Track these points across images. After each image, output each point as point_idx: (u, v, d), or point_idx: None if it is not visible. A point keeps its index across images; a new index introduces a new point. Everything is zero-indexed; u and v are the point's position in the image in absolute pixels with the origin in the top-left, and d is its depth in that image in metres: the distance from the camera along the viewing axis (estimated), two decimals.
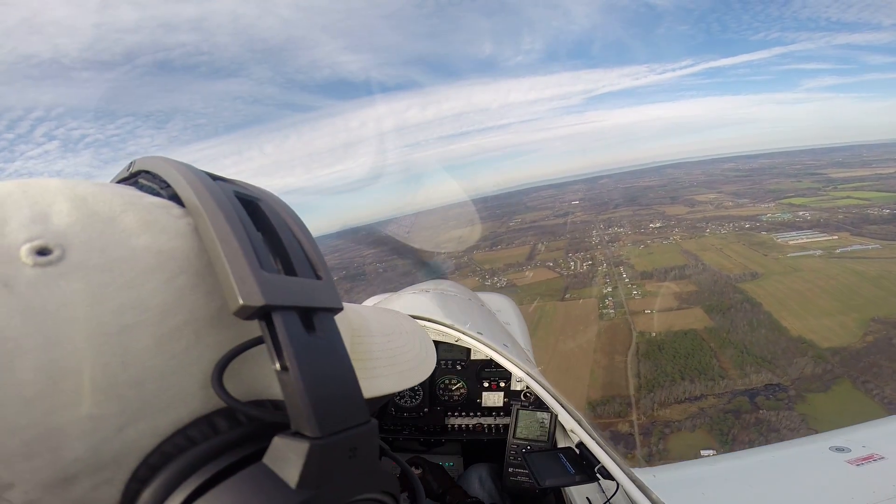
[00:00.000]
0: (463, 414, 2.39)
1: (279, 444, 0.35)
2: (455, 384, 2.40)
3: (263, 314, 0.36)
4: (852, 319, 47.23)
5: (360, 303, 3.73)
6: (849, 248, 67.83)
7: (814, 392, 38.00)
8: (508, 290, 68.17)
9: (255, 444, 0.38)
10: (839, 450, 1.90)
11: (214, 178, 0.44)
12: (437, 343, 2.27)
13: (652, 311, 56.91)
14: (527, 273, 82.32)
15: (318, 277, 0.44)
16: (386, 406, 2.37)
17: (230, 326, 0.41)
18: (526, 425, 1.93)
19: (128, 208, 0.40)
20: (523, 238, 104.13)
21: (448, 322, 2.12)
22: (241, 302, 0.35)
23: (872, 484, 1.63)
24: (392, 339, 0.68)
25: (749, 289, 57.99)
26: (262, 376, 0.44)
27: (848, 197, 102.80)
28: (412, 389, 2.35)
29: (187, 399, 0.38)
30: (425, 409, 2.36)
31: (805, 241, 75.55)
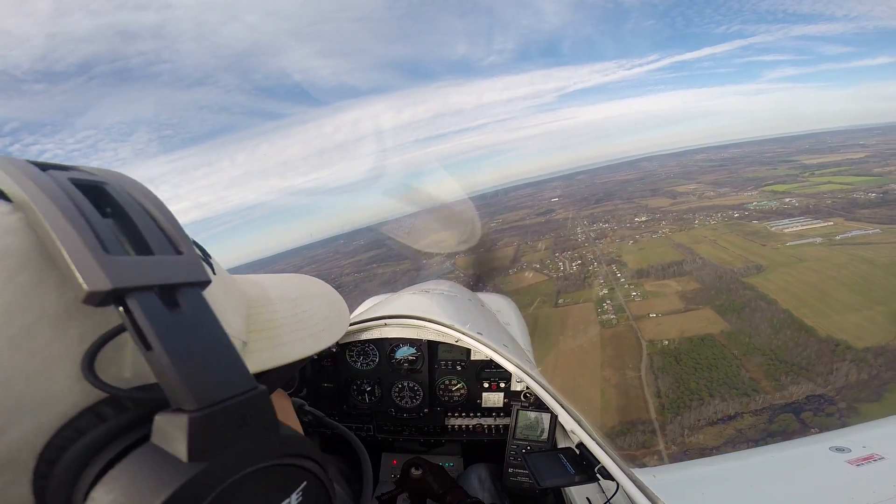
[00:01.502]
0: (463, 414, 2.36)
1: (161, 421, 0.36)
2: (455, 385, 2.33)
3: (115, 298, 0.35)
4: (880, 314, 42.76)
5: (359, 304, 4.15)
6: (849, 234, 64.50)
7: (866, 402, 32.90)
8: None
9: (145, 428, 0.38)
10: (839, 450, 1.89)
11: (45, 167, 0.42)
12: (437, 343, 2.30)
13: (658, 315, 51.36)
14: (513, 276, 76.03)
15: (179, 253, 0.42)
16: (386, 406, 2.34)
17: (93, 316, 0.39)
18: (526, 426, 1.91)
19: None
20: (506, 239, 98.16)
21: (448, 322, 2.14)
22: (86, 289, 0.33)
23: (872, 484, 1.63)
24: (297, 303, 0.68)
25: (758, 283, 53.23)
26: (142, 361, 0.42)
27: (829, 182, 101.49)
28: (412, 390, 2.31)
29: (66, 393, 0.38)
30: (425, 410, 2.32)
31: (800, 228, 72.20)
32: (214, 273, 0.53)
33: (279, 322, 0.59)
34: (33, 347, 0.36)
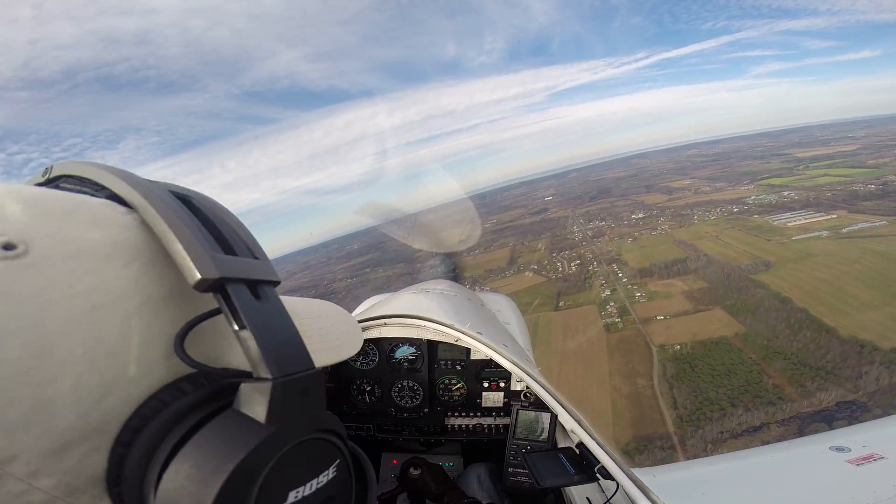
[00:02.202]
0: (463, 414, 2.36)
1: (246, 389, 0.44)
2: (455, 384, 2.33)
3: (218, 286, 0.44)
4: None
5: (360, 303, 4.41)
6: (855, 227, 62.59)
7: None
8: None
9: (219, 401, 0.46)
10: (839, 450, 1.90)
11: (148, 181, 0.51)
12: (436, 343, 2.30)
13: (666, 317, 48.66)
14: (511, 278, 73.07)
15: (256, 258, 0.52)
16: (386, 406, 2.35)
17: (183, 304, 0.49)
18: (526, 425, 1.91)
19: (77, 207, 0.46)
20: (502, 240, 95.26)
21: (448, 322, 2.12)
22: (198, 276, 0.43)
23: (872, 484, 1.64)
24: (319, 320, 0.75)
25: (768, 281, 50.82)
26: (214, 349, 0.52)
27: (825, 175, 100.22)
28: (412, 389, 2.32)
29: (154, 368, 0.45)
30: (425, 410, 2.32)
31: (803, 222, 70.26)
32: None
33: (306, 333, 0.64)
34: (139, 325, 0.44)
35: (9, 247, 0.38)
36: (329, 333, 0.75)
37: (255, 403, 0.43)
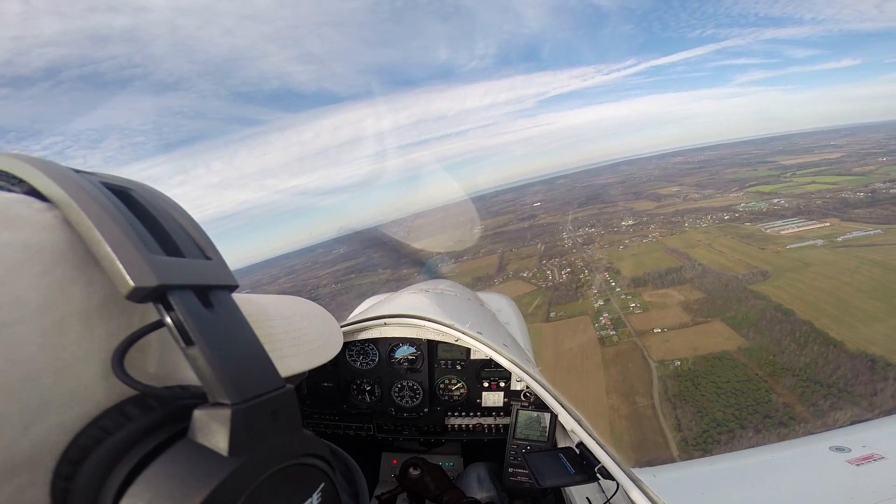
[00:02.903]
0: (463, 414, 2.35)
1: (201, 416, 0.36)
2: (455, 384, 2.33)
3: (158, 295, 0.37)
4: None
5: (360, 303, 4.34)
6: (850, 236, 61.34)
7: None
8: None
9: (172, 427, 0.39)
10: (839, 450, 1.91)
11: (76, 171, 0.43)
12: (436, 343, 2.29)
13: (664, 330, 46.25)
14: (499, 286, 70.26)
15: (208, 258, 0.45)
16: (386, 406, 2.34)
17: (121, 315, 0.40)
18: (526, 425, 1.91)
19: None
20: (490, 247, 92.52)
21: (448, 322, 2.13)
22: (132, 285, 0.35)
23: (872, 484, 1.65)
24: (292, 321, 0.69)
25: (767, 291, 48.85)
26: (164, 363, 0.45)
27: (813, 182, 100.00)
28: (412, 389, 2.30)
29: (91, 391, 0.38)
30: (425, 409, 2.31)
31: (797, 230, 68.97)
32: None
33: (277, 337, 0.60)
34: (63, 343, 0.37)
35: None
36: (303, 336, 0.68)
37: (213, 433, 0.36)
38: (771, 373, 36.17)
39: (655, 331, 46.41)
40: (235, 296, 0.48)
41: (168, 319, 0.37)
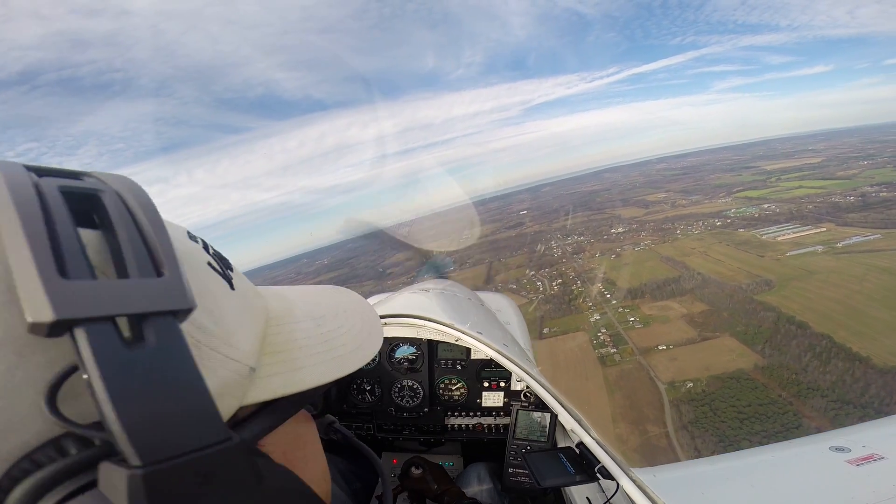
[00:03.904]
0: (463, 414, 2.34)
1: (105, 470, 0.32)
2: (455, 384, 2.32)
3: (61, 330, 0.29)
4: None
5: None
6: (850, 241, 59.17)
7: None
8: None
9: (87, 477, 0.34)
10: (839, 450, 1.90)
11: (43, 172, 0.37)
12: (437, 343, 2.30)
13: (669, 347, 42.60)
14: None
15: (160, 275, 0.36)
16: (386, 406, 2.34)
17: (62, 343, 0.31)
18: (526, 425, 1.91)
19: None
20: (477, 256, 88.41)
21: (448, 322, 2.12)
22: (28, 319, 0.28)
23: (872, 484, 1.65)
24: (324, 322, 0.62)
25: (775, 302, 45.75)
26: None
27: (800, 187, 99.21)
28: (412, 389, 2.30)
29: (27, 422, 0.34)
30: (425, 409, 2.31)
31: (793, 236, 66.77)
32: (233, 288, 0.50)
33: (300, 343, 0.56)
34: None
35: None
36: (333, 339, 0.60)
37: (116, 492, 0.30)
38: (796, 393, 32.68)
39: (660, 348, 42.75)
40: (267, 289, 0.41)
41: (78, 358, 0.30)
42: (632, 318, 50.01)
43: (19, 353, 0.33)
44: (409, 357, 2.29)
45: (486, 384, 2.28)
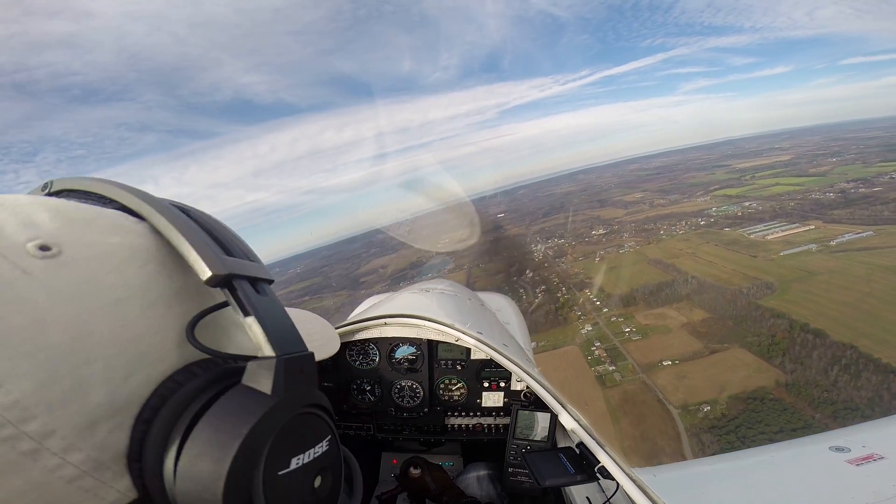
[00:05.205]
0: (463, 414, 2.35)
1: (252, 366, 0.51)
2: (455, 384, 2.33)
3: (227, 282, 0.52)
4: None
5: (360, 302, 4.60)
6: (843, 239, 56.63)
7: None
8: None
9: (227, 382, 0.52)
10: (839, 450, 1.91)
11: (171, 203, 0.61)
12: (437, 343, 2.31)
13: (675, 362, 37.91)
14: None
15: (252, 261, 0.60)
16: (386, 406, 2.38)
17: (189, 301, 0.56)
18: (526, 425, 1.92)
19: (97, 216, 0.53)
20: (455, 262, 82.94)
21: (448, 322, 2.14)
22: (209, 273, 0.50)
23: (872, 484, 1.66)
24: (304, 324, 0.81)
25: (782, 307, 41.89)
26: (215, 342, 0.59)
27: (777, 184, 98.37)
28: (412, 389, 2.33)
29: (169, 354, 0.52)
30: (425, 410, 2.33)
31: (782, 234, 64.13)
32: None
33: None
34: (155, 315, 0.51)
35: (45, 248, 0.45)
36: (310, 335, 0.78)
37: (261, 378, 0.49)
38: (831, 414, 28.35)
39: (664, 363, 37.99)
40: None
41: (232, 299, 0.53)
42: (627, 329, 45.22)
43: (168, 305, 0.54)
44: (409, 357, 2.29)
45: (486, 384, 2.27)
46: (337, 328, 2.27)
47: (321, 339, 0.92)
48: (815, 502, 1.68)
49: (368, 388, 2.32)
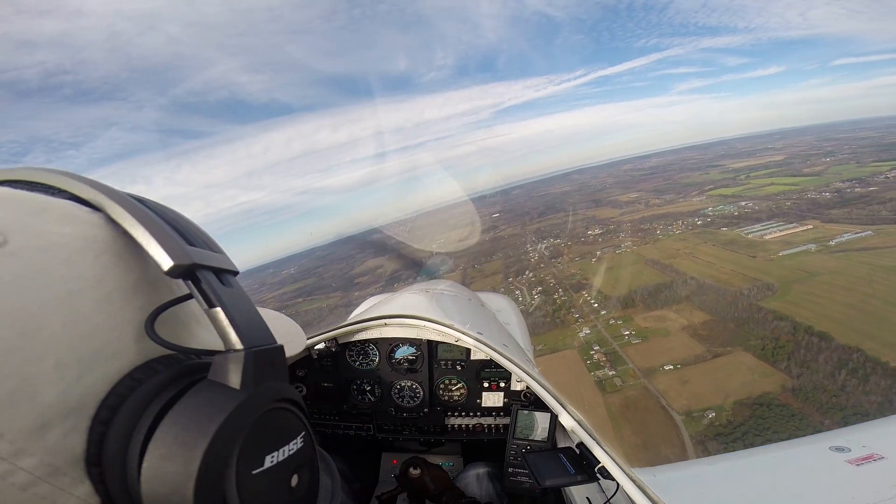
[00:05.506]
0: (463, 414, 2.34)
1: (220, 359, 0.48)
2: (455, 384, 2.33)
3: (190, 272, 0.50)
4: None
5: (355, 304, 4.53)
6: (842, 238, 55.99)
7: None
8: None
9: (190, 378, 0.50)
10: (839, 450, 1.91)
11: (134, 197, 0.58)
12: (437, 343, 2.30)
13: (676, 366, 36.88)
14: None
15: (215, 251, 0.58)
16: (386, 406, 2.37)
17: (149, 293, 0.53)
18: (526, 425, 1.91)
19: (47, 206, 0.50)
20: (449, 263, 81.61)
21: (448, 322, 2.13)
22: (172, 263, 0.47)
23: (872, 484, 1.66)
24: (268, 321, 0.83)
25: (784, 309, 41.02)
26: (176, 337, 0.56)
27: (772, 184, 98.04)
28: (412, 389, 2.32)
29: (127, 350, 0.49)
30: (425, 410, 2.32)
31: (780, 234, 63.47)
32: None
33: None
34: (111, 309, 0.48)
35: None
36: (275, 333, 0.77)
37: (229, 372, 0.47)
38: (841, 420, 27.38)
39: (666, 368, 36.94)
40: None
41: (196, 290, 0.50)
42: (626, 332, 44.17)
43: (125, 298, 0.50)
44: (409, 357, 2.28)
45: (485, 384, 2.26)
46: (337, 329, 2.23)
47: (286, 338, 0.82)
48: (815, 502, 1.67)
49: (368, 388, 2.32)
